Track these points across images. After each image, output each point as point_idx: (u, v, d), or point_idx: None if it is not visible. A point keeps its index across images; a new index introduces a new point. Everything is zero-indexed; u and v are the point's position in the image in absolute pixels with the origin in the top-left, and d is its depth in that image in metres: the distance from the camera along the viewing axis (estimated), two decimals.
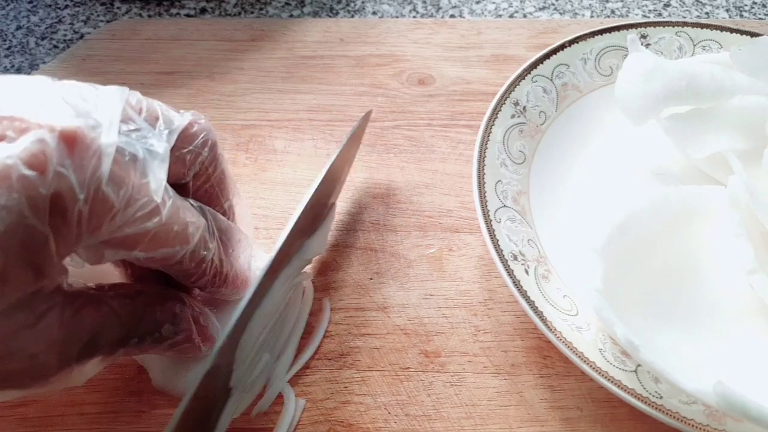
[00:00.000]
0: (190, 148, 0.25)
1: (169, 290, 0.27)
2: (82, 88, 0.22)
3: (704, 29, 0.41)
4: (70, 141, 0.19)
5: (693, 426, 0.26)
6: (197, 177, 0.26)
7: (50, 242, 0.20)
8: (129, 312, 0.25)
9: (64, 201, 0.19)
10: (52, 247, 0.20)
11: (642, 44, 0.40)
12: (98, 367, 0.26)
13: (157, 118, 0.24)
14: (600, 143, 0.38)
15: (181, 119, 0.25)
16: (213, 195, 0.28)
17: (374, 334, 0.33)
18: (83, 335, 0.23)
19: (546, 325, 0.29)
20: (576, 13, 0.53)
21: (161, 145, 0.23)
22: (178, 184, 0.26)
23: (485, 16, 0.53)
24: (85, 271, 0.25)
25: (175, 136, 0.24)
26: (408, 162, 0.40)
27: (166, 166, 0.23)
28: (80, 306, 0.23)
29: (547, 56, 0.40)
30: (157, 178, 0.23)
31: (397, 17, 0.52)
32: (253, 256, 0.30)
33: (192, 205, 0.26)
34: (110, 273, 0.27)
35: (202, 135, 0.26)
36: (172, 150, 0.24)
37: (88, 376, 0.25)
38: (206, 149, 0.26)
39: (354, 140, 0.34)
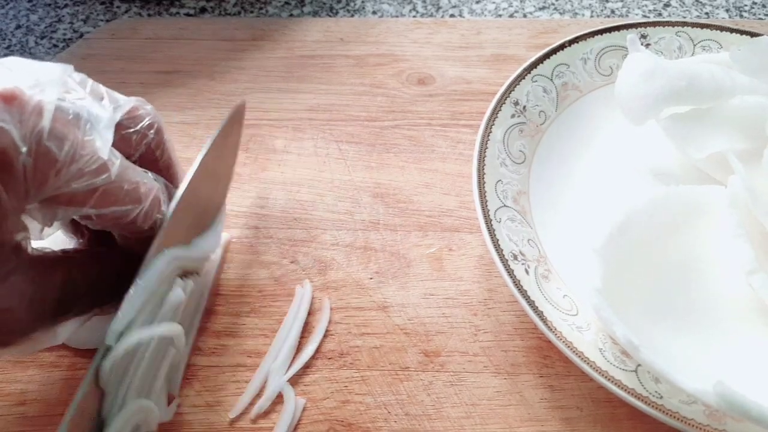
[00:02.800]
0: (136, 128, 0.26)
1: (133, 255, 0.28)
2: (25, 60, 0.23)
3: (704, 29, 0.41)
4: (9, 98, 0.21)
5: (693, 426, 0.26)
6: (144, 159, 0.27)
7: (1, 194, 0.20)
8: (98, 270, 0.26)
9: (8, 154, 0.20)
10: (3, 199, 0.21)
11: (642, 44, 0.40)
12: (76, 325, 0.26)
13: (102, 97, 0.25)
14: (600, 143, 0.38)
15: (126, 100, 0.26)
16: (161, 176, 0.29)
17: (374, 334, 0.33)
18: (53, 292, 0.24)
19: (546, 324, 0.29)
20: (576, 13, 0.53)
21: (105, 113, 0.24)
22: None
23: (485, 15, 0.53)
24: None
25: (120, 113, 0.25)
26: (408, 162, 0.40)
27: (111, 129, 0.24)
28: (48, 265, 0.24)
29: (547, 56, 0.40)
30: (103, 137, 0.23)
31: (397, 17, 0.52)
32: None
33: (147, 173, 0.26)
34: None
35: (147, 117, 0.27)
36: (118, 129, 0.25)
37: (66, 334, 0.26)
38: (152, 131, 0.27)
39: (224, 137, 0.32)
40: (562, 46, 0.40)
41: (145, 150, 0.27)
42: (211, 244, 0.32)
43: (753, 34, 0.40)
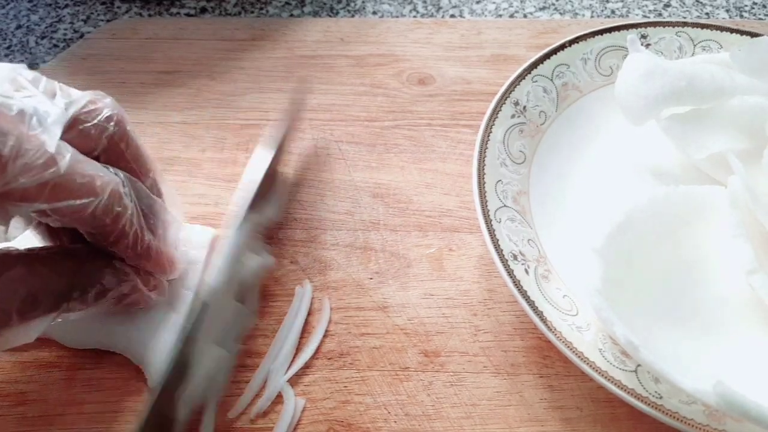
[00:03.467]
0: (94, 122, 0.26)
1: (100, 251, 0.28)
2: None
3: (704, 29, 0.41)
4: None
5: (693, 426, 0.26)
6: (110, 153, 0.27)
7: None
8: (65, 268, 0.26)
9: None
10: None
11: (642, 44, 0.40)
12: (46, 323, 0.26)
13: (55, 94, 0.25)
14: (600, 143, 0.38)
15: (81, 94, 0.26)
16: (132, 172, 0.28)
17: (374, 334, 0.33)
18: (19, 291, 0.24)
19: (546, 325, 0.29)
20: (576, 13, 0.53)
21: (55, 109, 0.24)
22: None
23: (485, 16, 0.53)
24: None
25: (74, 108, 0.25)
26: (408, 162, 0.40)
27: (60, 124, 0.24)
28: (11, 263, 0.24)
29: (547, 56, 0.40)
30: (50, 131, 0.23)
31: (397, 17, 0.52)
32: (186, 239, 0.32)
33: (107, 168, 0.26)
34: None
35: (106, 110, 0.27)
36: (75, 124, 0.25)
37: (38, 331, 0.26)
38: (112, 124, 0.27)
39: (294, 113, 0.38)
40: (562, 47, 0.40)
41: (108, 143, 0.27)
42: (273, 210, 0.36)
43: (753, 35, 0.40)
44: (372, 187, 0.39)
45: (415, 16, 0.52)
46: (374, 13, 0.53)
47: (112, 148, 0.27)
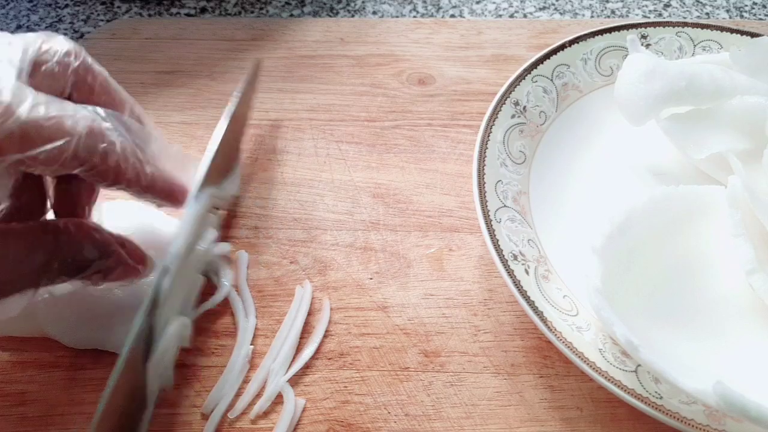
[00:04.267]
0: (55, 59, 0.26)
1: (83, 221, 0.28)
2: None
3: (704, 30, 0.41)
4: None
5: (693, 426, 0.26)
6: (79, 89, 0.27)
7: None
8: (41, 240, 0.25)
9: None
10: None
11: (642, 44, 0.40)
12: (28, 297, 0.26)
13: (10, 43, 0.25)
14: (600, 143, 0.38)
15: (34, 36, 0.26)
16: (108, 105, 0.28)
17: (374, 334, 0.33)
18: None
19: (546, 325, 0.29)
20: (576, 14, 0.53)
21: (3, 55, 0.24)
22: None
23: (485, 16, 0.53)
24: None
25: (31, 50, 0.25)
26: (408, 162, 0.40)
27: (12, 72, 0.23)
28: None
29: (547, 56, 0.40)
30: (1, 79, 0.23)
31: (397, 17, 0.52)
32: (186, 166, 0.32)
33: (75, 105, 0.25)
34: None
35: (64, 46, 0.26)
36: (37, 67, 0.25)
37: (20, 305, 0.26)
38: (73, 58, 0.26)
39: (246, 90, 0.38)
40: (562, 47, 0.40)
41: (76, 79, 0.26)
42: (233, 186, 0.37)
43: (753, 35, 0.40)
44: (372, 187, 0.39)
45: (415, 16, 0.52)
46: (374, 13, 0.53)
47: (80, 83, 0.27)
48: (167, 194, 0.29)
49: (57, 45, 0.26)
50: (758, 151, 0.33)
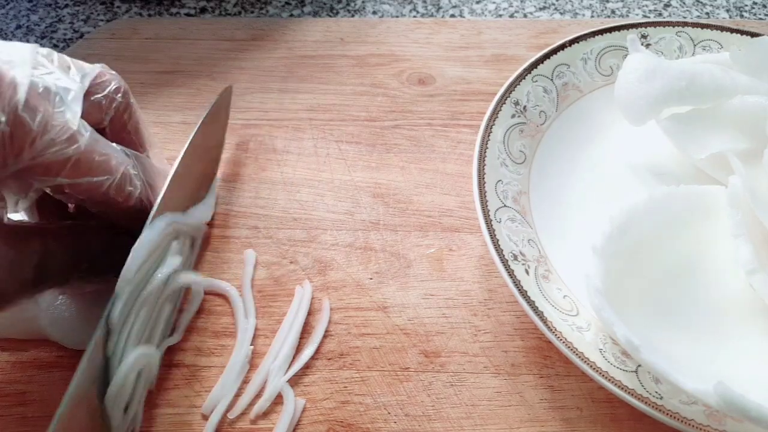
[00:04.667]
0: (105, 93, 0.28)
1: (108, 225, 0.29)
2: None
3: (704, 29, 0.41)
4: None
5: (693, 426, 0.26)
6: (114, 123, 0.29)
7: None
8: (73, 241, 0.28)
9: None
10: None
11: (642, 44, 0.40)
12: (55, 295, 0.28)
13: (69, 67, 0.26)
14: (600, 143, 0.38)
15: (92, 67, 0.28)
16: (132, 143, 0.30)
17: (374, 334, 0.33)
18: (32, 258, 0.26)
19: (546, 325, 0.29)
20: (576, 13, 0.53)
21: (74, 84, 0.26)
22: (98, 131, 0.28)
23: (485, 16, 0.53)
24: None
25: (88, 80, 0.27)
26: (408, 162, 0.40)
27: (80, 101, 0.25)
28: (24, 234, 0.26)
29: (547, 56, 0.39)
30: (72, 108, 0.25)
31: (397, 17, 0.52)
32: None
33: (117, 147, 0.28)
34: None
35: (114, 82, 0.28)
36: (87, 95, 0.26)
37: (46, 304, 0.29)
38: (119, 95, 0.28)
39: (213, 117, 0.37)
40: (562, 46, 0.40)
41: (114, 114, 0.28)
42: (203, 213, 0.36)
43: (753, 34, 0.40)
44: (372, 187, 0.39)
45: (415, 16, 0.52)
46: (374, 13, 0.53)
47: (117, 118, 0.29)
48: None
49: (110, 79, 0.28)
50: (759, 150, 0.33)
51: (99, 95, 0.27)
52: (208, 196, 0.37)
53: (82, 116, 0.25)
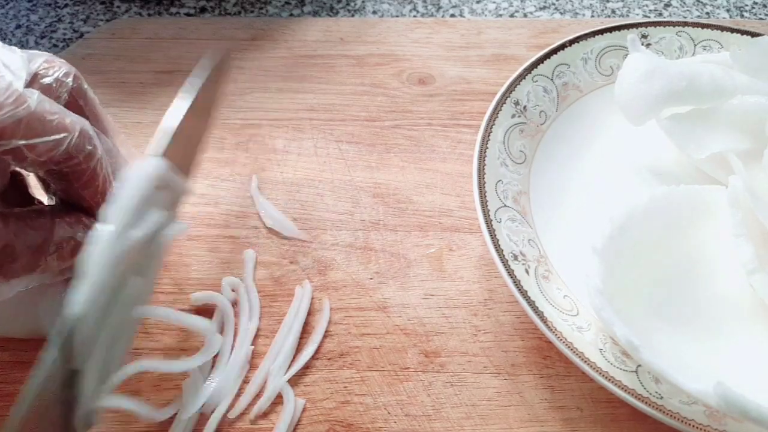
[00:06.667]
0: (54, 76, 0.28)
1: (72, 207, 0.28)
2: None
3: (705, 29, 0.41)
4: None
5: (693, 426, 0.26)
6: (70, 107, 0.28)
7: None
8: (39, 223, 0.27)
9: None
10: None
11: (643, 44, 0.40)
12: (25, 282, 0.27)
13: (14, 51, 0.27)
14: (600, 143, 0.38)
15: (40, 54, 0.28)
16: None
17: (374, 334, 0.33)
18: None
19: (546, 325, 0.29)
20: (576, 13, 0.53)
21: (18, 58, 0.26)
22: None
23: (485, 15, 0.53)
24: None
25: (36, 61, 0.27)
26: (408, 162, 0.40)
27: (24, 71, 0.26)
28: None
29: (547, 56, 0.39)
30: (16, 74, 0.25)
31: (397, 17, 0.52)
32: None
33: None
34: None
35: (63, 67, 0.28)
36: (35, 79, 0.27)
37: (17, 287, 0.27)
38: (69, 79, 0.28)
39: (212, 80, 0.35)
40: (562, 46, 0.40)
41: (69, 99, 0.28)
42: (187, 186, 0.32)
43: (753, 34, 0.40)
44: (372, 187, 0.39)
45: (415, 16, 0.52)
46: (374, 12, 0.53)
47: (72, 103, 0.28)
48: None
49: (57, 64, 0.28)
50: (759, 150, 0.33)
51: (48, 78, 0.27)
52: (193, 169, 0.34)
53: None
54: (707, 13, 0.53)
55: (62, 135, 0.26)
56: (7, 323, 0.32)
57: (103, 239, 0.25)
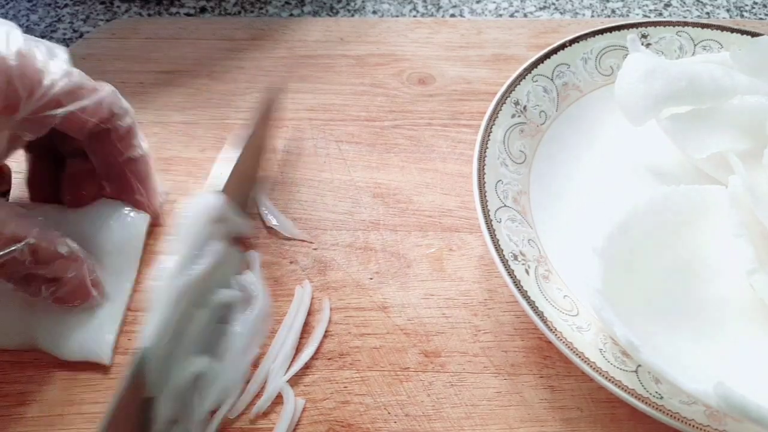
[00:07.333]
0: (97, 99, 0.31)
1: (55, 238, 0.30)
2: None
3: (705, 29, 0.41)
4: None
5: (693, 426, 0.26)
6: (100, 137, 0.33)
7: None
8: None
9: None
10: None
11: (643, 44, 0.40)
12: None
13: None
14: (600, 143, 0.38)
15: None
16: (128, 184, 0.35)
17: (374, 334, 0.33)
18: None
19: (546, 325, 0.29)
20: (576, 13, 0.53)
21: (60, 51, 0.30)
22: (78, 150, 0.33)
23: (486, 15, 0.53)
24: None
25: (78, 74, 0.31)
26: (408, 161, 0.40)
27: (66, 60, 0.30)
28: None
29: (547, 56, 0.39)
30: (60, 57, 0.30)
31: (397, 16, 0.52)
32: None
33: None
34: None
35: (118, 103, 0.32)
36: (77, 90, 0.30)
37: None
38: (118, 108, 0.32)
39: (262, 121, 0.38)
40: (562, 46, 0.40)
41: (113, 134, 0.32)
42: (245, 221, 0.35)
43: (754, 34, 0.40)
44: (372, 187, 0.39)
45: (415, 16, 0.52)
46: (374, 12, 0.53)
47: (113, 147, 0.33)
48: (148, 188, 0.35)
49: (115, 101, 0.33)
50: (759, 150, 0.33)
51: (91, 99, 0.31)
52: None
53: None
54: (707, 13, 0.53)
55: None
56: (1, 335, 0.32)
57: (168, 274, 0.26)
